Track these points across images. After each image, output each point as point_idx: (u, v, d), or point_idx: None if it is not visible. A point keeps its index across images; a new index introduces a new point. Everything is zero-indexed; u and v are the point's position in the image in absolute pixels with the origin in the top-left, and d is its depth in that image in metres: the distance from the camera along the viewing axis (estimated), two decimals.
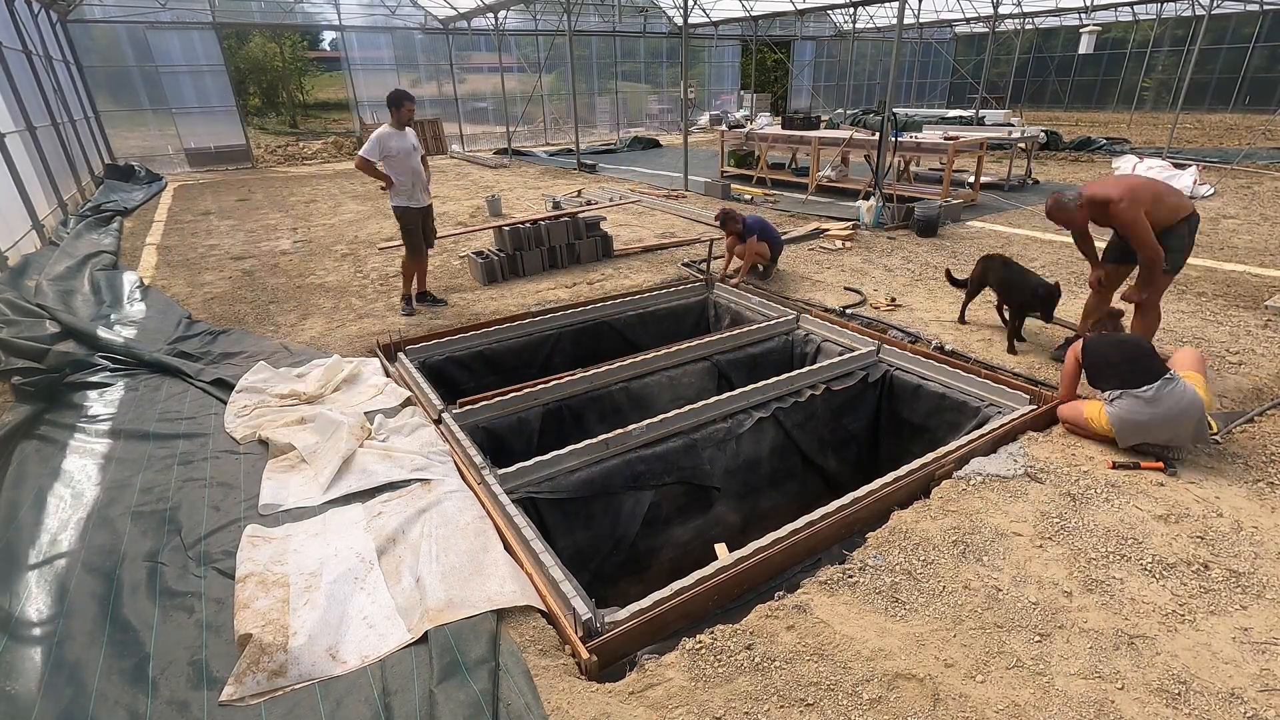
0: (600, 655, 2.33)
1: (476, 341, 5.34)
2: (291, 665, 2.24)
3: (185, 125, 15.86)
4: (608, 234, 7.63)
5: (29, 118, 8.97)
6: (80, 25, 14.06)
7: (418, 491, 3.21)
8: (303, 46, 35.09)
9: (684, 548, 4.27)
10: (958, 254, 7.32)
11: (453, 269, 7.26)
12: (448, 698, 2.08)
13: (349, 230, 9.17)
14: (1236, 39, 22.64)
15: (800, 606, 2.50)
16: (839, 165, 11.59)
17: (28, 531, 2.99)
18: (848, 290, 6.21)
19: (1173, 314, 5.32)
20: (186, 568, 2.77)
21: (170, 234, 9.24)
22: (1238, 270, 6.46)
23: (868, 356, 4.87)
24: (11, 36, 9.46)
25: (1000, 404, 4.15)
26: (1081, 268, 6.63)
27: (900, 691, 2.15)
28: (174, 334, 5.31)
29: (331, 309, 6.04)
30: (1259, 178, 11.44)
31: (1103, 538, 2.84)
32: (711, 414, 4.19)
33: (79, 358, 4.62)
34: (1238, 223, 8.37)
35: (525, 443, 4.36)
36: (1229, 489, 3.15)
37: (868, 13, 23.40)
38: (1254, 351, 4.61)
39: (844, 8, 19.46)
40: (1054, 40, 27.08)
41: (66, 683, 2.22)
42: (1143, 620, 2.42)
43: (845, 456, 4.95)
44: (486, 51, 19.78)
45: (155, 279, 6.99)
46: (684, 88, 12.60)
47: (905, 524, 2.98)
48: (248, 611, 2.45)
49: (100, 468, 3.52)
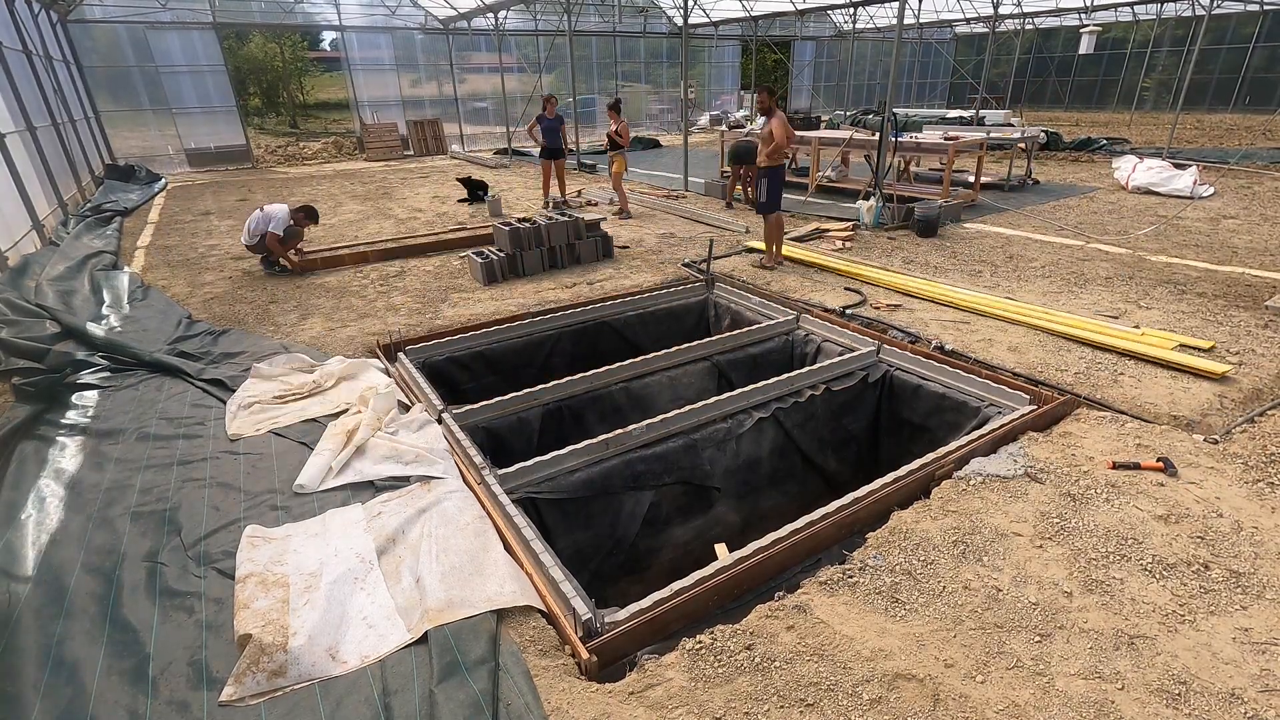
0: (600, 655, 2.32)
1: (476, 342, 5.34)
2: (291, 665, 2.24)
3: (185, 125, 15.85)
4: (608, 234, 7.63)
5: (29, 118, 8.96)
6: (80, 25, 14.05)
7: (417, 491, 3.21)
8: (303, 46, 35.09)
9: (684, 548, 4.27)
10: (958, 254, 7.32)
11: (453, 269, 7.26)
12: (448, 698, 2.08)
13: (349, 230, 9.17)
14: (1236, 39, 22.63)
15: (800, 606, 2.50)
16: (839, 165, 11.59)
17: (28, 531, 2.99)
18: (848, 290, 6.21)
19: (1173, 314, 5.32)
20: (186, 568, 2.77)
21: (170, 234, 9.24)
22: (1238, 270, 6.46)
23: (868, 356, 4.86)
24: (11, 36, 9.46)
25: (1000, 404, 4.15)
26: (1082, 268, 6.64)
27: (900, 691, 2.15)
28: (174, 334, 5.31)
29: (331, 309, 6.04)
30: (1259, 178, 11.44)
31: (1103, 538, 2.84)
32: (711, 414, 4.19)
33: (79, 358, 4.62)
34: (1238, 223, 8.37)
35: (525, 443, 4.36)
36: (1229, 489, 3.15)
37: (868, 13, 23.39)
38: (1254, 351, 4.61)
39: (844, 8, 19.44)
40: (1054, 40, 27.07)
41: (66, 683, 2.22)
42: (1143, 620, 2.42)
43: (845, 457, 4.95)
44: (486, 51, 19.77)
45: (155, 279, 6.99)
46: (684, 88, 12.60)
47: (905, 524, 2.98)
48: (247, 611, 2.45)
49: (100, 468, 3.52)
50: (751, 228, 8.72)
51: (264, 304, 6.21)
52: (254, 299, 6.35)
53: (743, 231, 8.59)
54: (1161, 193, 10.21)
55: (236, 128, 16.47)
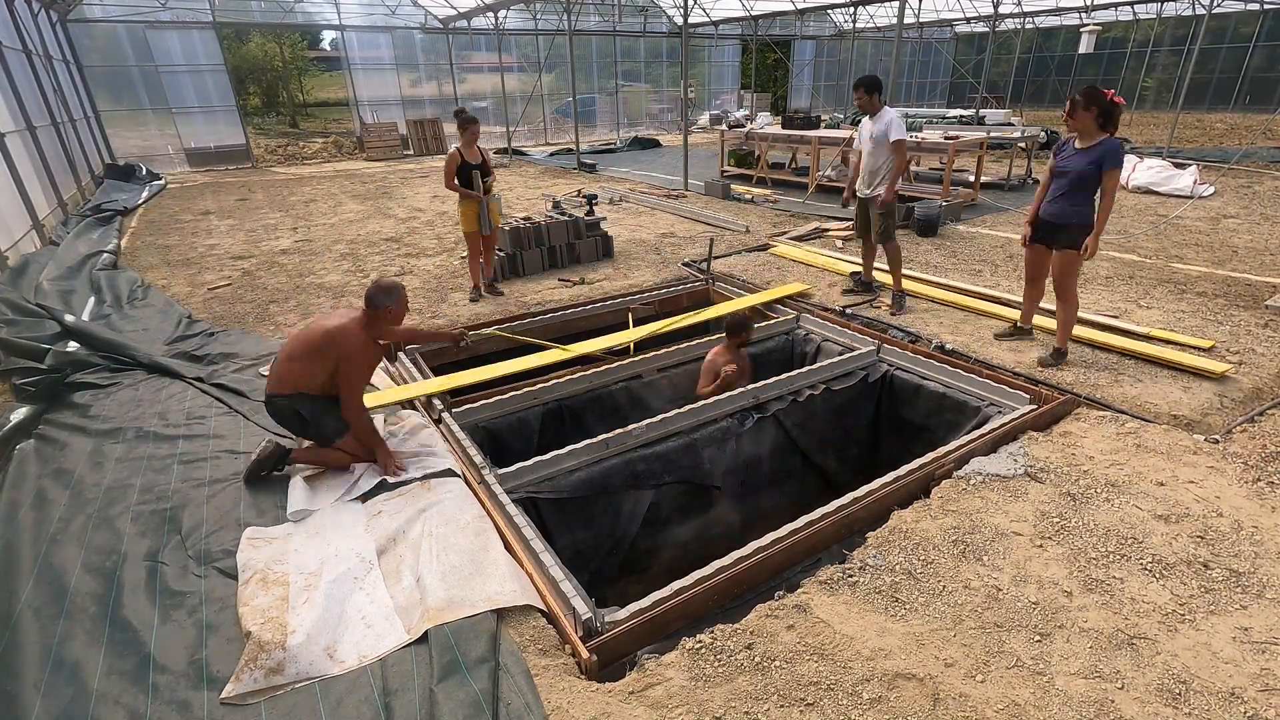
0: (600, 655, 2.32)
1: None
2: (289, 664, 2.24)
3: (185, 125, 15.85)
4: (608, 234, 7.62)
5: (29, 117, 8.96)
6: (80, 25, 14.05)
7: (418, 491, 3.21)
8: (302, 46, 35.08)
9: (684, 548, 4.27)
10: (958, 253, 7.32)
11: (453, 268, 7.26)
12: (448, 697, 2.08)
13: (349, 230, 9.17)
14: (1236, 39, 22.63)
15: (800, 606, 2.50)
16: (839, 165, 11.59)
17: (28, 531, 2.99)
18: (849, 283, 6.21)
19: (1173, 314, 5.32)
20: (186, 568, 2.77)
21: (170, 234, 9.24)
22: (1238, 270, 6.46)
23: (868, 356, 4.86)
24: (11, 36, 9.46)
25: (1000, 404, 4.15)
26: (1085, 269, 6.62)
27: (900, 691, 2.15)
28: (174, 334, 5.30)
29: (331, 309, 6.04)
30: (1259, 177, 11.44)
31: (1103, 537, 2.84)
32: (711, 414, 4.19)
33: (79, 358, 4.62)
34: (1238, 222, 8.37)
35: (525, 443, 4.36)
36: (1229, 489, 3.15)
37: (868, 12, 23.38)
38: (1254, 351, 4.61)
39: (844, 7, 19.45)
40: (1054, 40, 27.07)
41: (66, 683, 2.21)
42: (1143, 620, 2.42)
43: (845, 456, 4.95)
44: (486, 51, 19.77)
45: (155, 279, 6.98)
46: (684, 87, 12.60)
47: (905, 524, 2.98)
48: (247, 609, 2.46)
49: (100, 467, 3.51)
50: (751, 227, 8.72)
51: (264, 304, 6.21)
52: (254, 299, 6.35)
53: (743, 231, 8.59)
54: (1161, 192, 10.20)
55: (236, 127, 16.47)
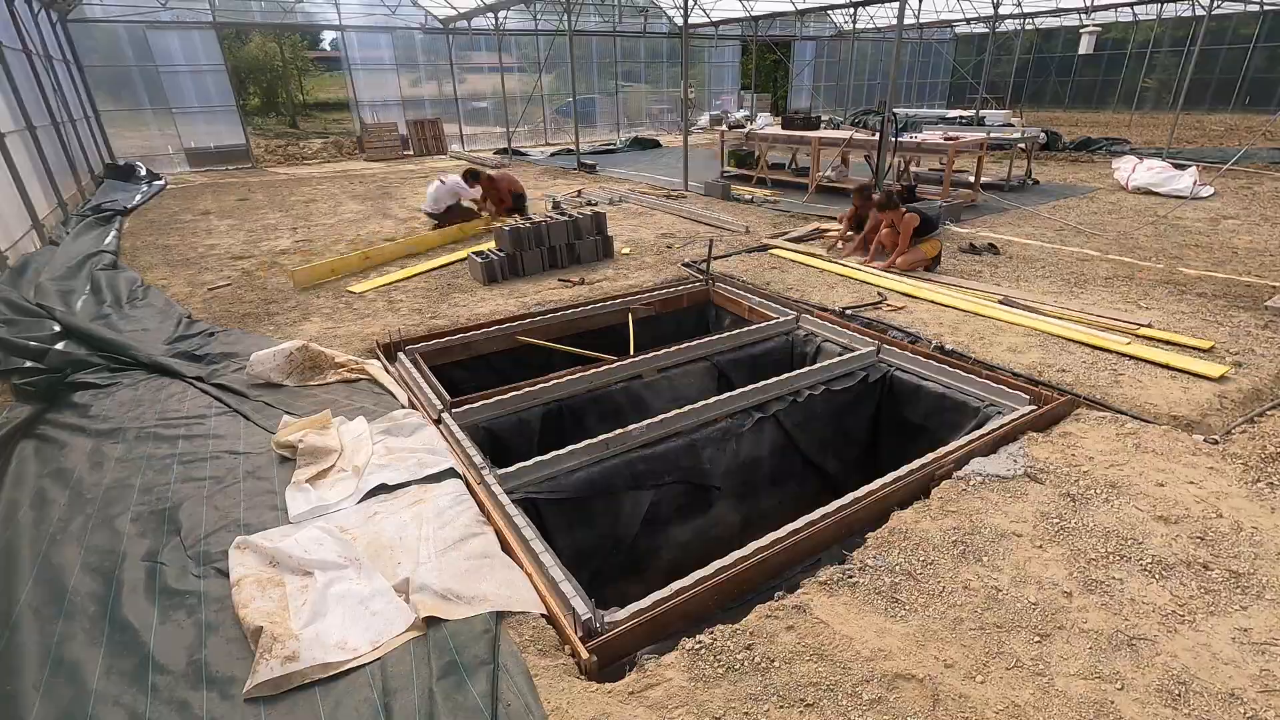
0: (600, 655, 2.32)
1: (477, 341, 5.33)
2: (304, 650, 2.26)
3: (185, 125, 15.84)
4: (608, 234, 7.62)
5: (29, 117, 8.96)
6: (80, 25, 14.05)
7: (415, 492, 3.21)
8: (302, 46, 35.10)
9: (684, 548, 4.27)
10: (957, 254, 7.31)
11: (453, 269, 7.26)
12: (447, 698, 2.08)
13: (349, 230, 9.17)
14: (1236, 39, 22.64)
15: (800, 607, 2.50)
16: (839, 165, 11.59)
17: (27, 531, 2.99)
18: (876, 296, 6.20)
19: (1173, 314, 5.32)
20: (186, 568, 2.77)
21: (170, 234, 9.24)
22: (1237, 270, 6.46)
23: (868, 357, 4.86)
24: (11, 36, 9.46)
25: (1000, 404, 4.15)
26: (1081, 268, 6.64)
27: (900, 692, 2.15)
28: (174, 333, 5.30)
29: (331, 309, 6.04)
30: (1259, 178, 11.45)
31: (1102, 538, 2.84)
32: (711, 414, 4.19)
33: (79, 357, 4.62)
34: (1238, 223, 8.37)
35: (525, 443, 4.36)
36: (1229, 490, 3.15)
37: (868, 13, 23.39)
38: (1254, 351, 4.61)
39: (844, 8, 19.45)
40: (1054, 40, 27.09)
41: (66, 683, 2.21)
42: (1143, 621, 2.42)
43: (845, 457, 4.95)
44: (486, 51, 19.77)
45: (155, 279, 6.98)
46: (684, 88, 12.60)
47: (905, 524, 2.98)
48: (248, 610, 2.45)
49: (100, 467, 3.51)
50: (751, 228, 8.72)
51: (264, 303, 6.21)
52: (254, 299, 6.35)
53: (743, 231, 8.59)
54: (1161, 193, 10.21)
55: (236, 127, 16.47)
